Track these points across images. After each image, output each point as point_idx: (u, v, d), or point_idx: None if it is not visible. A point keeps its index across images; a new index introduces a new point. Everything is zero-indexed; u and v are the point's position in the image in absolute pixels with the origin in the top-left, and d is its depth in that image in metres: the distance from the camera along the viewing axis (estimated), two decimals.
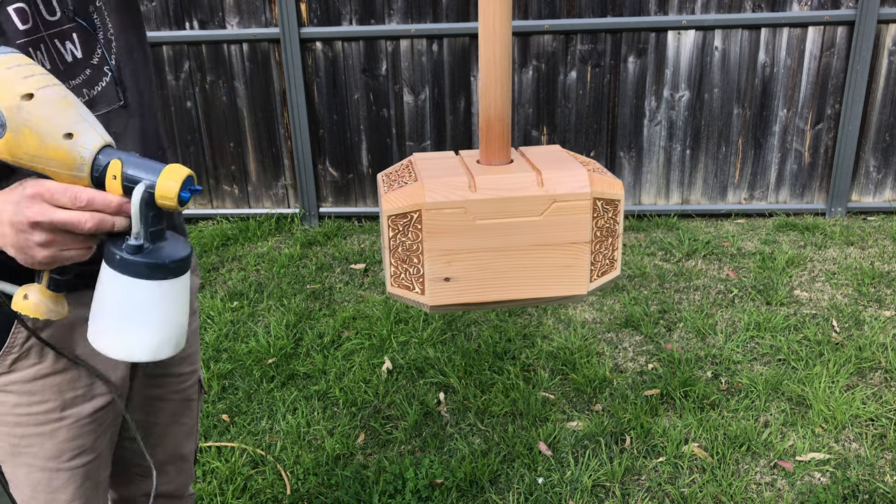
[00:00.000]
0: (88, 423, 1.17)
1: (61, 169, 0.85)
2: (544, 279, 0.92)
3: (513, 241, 0.90)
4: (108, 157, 0.87)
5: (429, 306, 0.92)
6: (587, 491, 2.29)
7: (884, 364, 2.84)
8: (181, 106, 4.41)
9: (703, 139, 4.29)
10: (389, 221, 0.89)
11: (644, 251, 3.90)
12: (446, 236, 0.89)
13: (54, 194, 0.85)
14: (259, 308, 3.44)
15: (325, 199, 4.55)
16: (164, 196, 0.86)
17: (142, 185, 0.86)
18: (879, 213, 4.33)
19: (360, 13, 4.18)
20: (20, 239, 0.87)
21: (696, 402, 2.66)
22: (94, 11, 1.07)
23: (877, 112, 4.16)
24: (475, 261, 0.90)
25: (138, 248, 0.87)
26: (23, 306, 0.94)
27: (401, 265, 0.91)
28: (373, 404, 2.73)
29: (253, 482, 2.37)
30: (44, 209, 0.85)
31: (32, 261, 0.89)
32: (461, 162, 0.97)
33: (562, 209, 0.89)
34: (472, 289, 0.92)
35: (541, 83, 4.24)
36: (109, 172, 0.86)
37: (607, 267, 0.94)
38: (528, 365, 2.93)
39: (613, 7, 4.08)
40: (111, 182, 0.87)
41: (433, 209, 0.87)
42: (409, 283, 0.92)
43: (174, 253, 0.90)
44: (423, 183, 0.89)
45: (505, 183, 0.89)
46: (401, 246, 0.90)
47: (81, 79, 1.05)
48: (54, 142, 0.84)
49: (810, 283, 3.51)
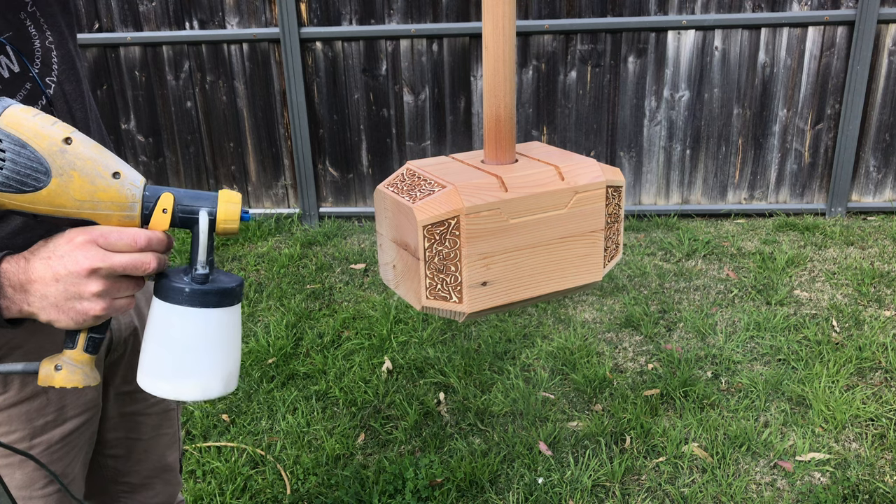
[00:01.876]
0: (60, 447, 1.13)
1: (113, 210, 0.81)
2: (567, 270, 0.94)
3: (542, 236, 0.91)
4: (153, 192, 0.84)
5: (465, 314, 0.90)
6: (587, 491, 2.29)
7: (884, 364, 2.84)
8: (181, 106, 4.41)
9: (703, 139, 4.29)
10: (425, 231, 0.86)
11: (644, 251, 3.90)
12: (483, 239, 0.88)
13: (109, 239, 0.80)
14: (259, 308, 3.44)
15: (325, 199, 4.55)
16: (227, 219, 0.84)
17: (204, 212, 0.84)
18: (879, 213, 4.33)
19: (360, 13, 4.18)
20: (73, 292, 0.80)
21: (696, 402, 2.66)
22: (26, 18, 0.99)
23: (877, 112, 4.16)
24: (509, 261, 0.90)
25: (206, 278, 0.84)
26: (59, 379, 0.86)
27: (437, 275, 0.88)
28: (373, 404, 2.73)
29: (253, 482, 2.37)
30: (102, 255, 0.80)
31: (84, 317, 0.82)
32: (466, 164, 0.97)
33: (583, 199, 0.91)
34: (506, 290, 0.92)
35: (541, 83, 4.24)
36: (159, 206, 0.83)
37: (614, 251, 0.97)
38: (528, 365, 2.93)
39: (613, 7, 4.08)
40: (159, 216, 0.84)
41: (472, 213, 0.86)
42: (445, 294, 0.89)
43: (233, 278, 0.87)
44: (458, 188, 0.86)
45: (531, 179, 0.90)
46: (437, 255, 0.87)
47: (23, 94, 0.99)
48: (104, 182, 0.80)
49: (810, 283, 3.51)
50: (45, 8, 1.03)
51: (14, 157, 0.77)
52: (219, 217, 0.84)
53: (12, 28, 0.98)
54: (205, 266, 0.84)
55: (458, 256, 0.87)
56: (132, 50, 4.31)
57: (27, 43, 1.00)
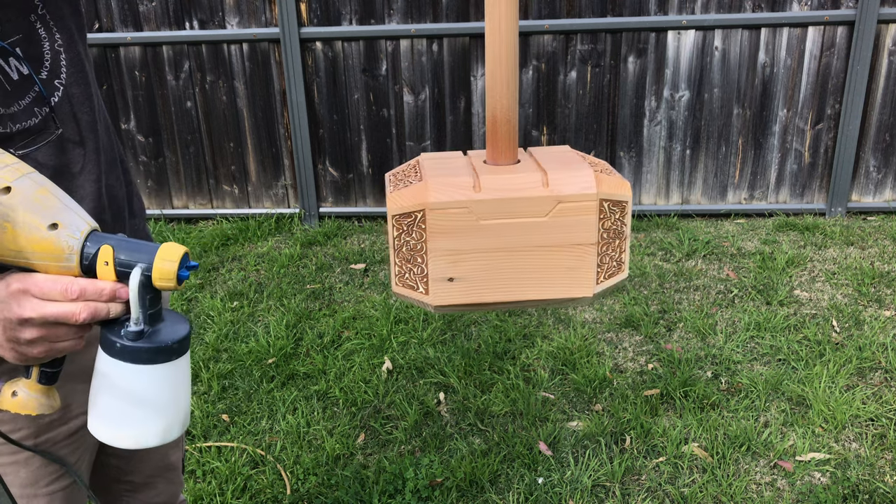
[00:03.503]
0: (65, 445, 1.14)
1: (48, 261, 0.81)
2: (549, 281, 0.91)
3: (517, 241, 0.89)
4: (96, 242, 0.83)
5: (433, 306, 0.92)
6: (587, 491, 2.29)
7: (884, 364, 2.84)
8: (181, 106, 4.41)
9: (703, 139, 4.29)
10: (394, 221, 0.88)
11: (644, 251, 3.90)
12: (450, 236, 0.88)
13: (42, 288, 0.81)
14: (259, 308, 3.44)
15: (325, 199, 4.55)
16: (162, 278, 0.83)
17: (137, 269, 0.82)
18: (879, 213, 4.33)
19: (360, 13, 4.18)
20: (10, 336, 0.82)
21: (696, 402, 2.66)
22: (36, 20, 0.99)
23: (877, 112, 4.16)
24: (479, 261, 0.90)
25: (139, 334, 0.83)
26: (11, 404, 0.87)
27: (405, 265, 0.91)
28: (373, 404, 2.73)
29: (253, 482, 2.37)
30: (33, 304, 0.81)
31: (24, 358, 0.84)
32: (468, 162, 0.97)
33: (567, 210, 0.88)
34: (476, 289, 0.91)
35: (541, 83, 4.24)
36: (101, 259, 0.82)
37: (615, 269, 0.93)
38: (528, 365, 2.93)
39: (613, 7, 4.08)
40: (103, 268, 0.82)
41: (437, 209, 0.87)
42: (413, 283, 0.91)
43: (175, 333, 0.86)
44: (427, 182, 0.88)
45: (509, 183, 0.88)
46: (405, 245, 0.89)
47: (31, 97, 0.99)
48: (38, 233, 0.79)
49: (810, 283, 3.51)
50: (55, 10, 1.03)
51: None
52: (154, 275, 0.82)
53: (22, 31, 0.98)
54: (138, 323, 0.83)
55: (424, 249, 0.89)
56: (132, 50, 4.31)
57: (36, 46, 1.00)
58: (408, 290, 0.92)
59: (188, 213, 4.63)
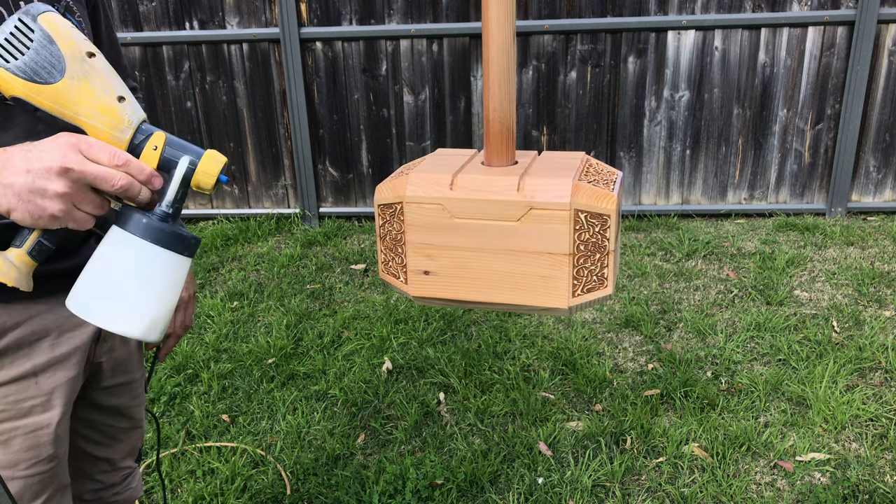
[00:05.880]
0: (47, 432, 1.15)
1: (106, 126, 0.86)
2: (522, 286, 0.91)
3: (490, 243, 0.90)
4: (149, 129, 0.89)
5: (412, 296, 0.95)
6: (587, 491, 2.29)
7: (884, 364, 2.84)
8: (181, 106, 4.41)
9: (703, 139, 4.29)
10: (379, 210, 0.93)
11: (644, 251, 3.90)
12: (426, 231, 0.91)
13: (93, 147, 0.84)
14: (259, 308, 3.44)
15: (325, 199, 4.55)
16: (206, 173, 0.88)
17: (186, 158, 0.88)
18: (879, 213, 4.33)
19: (360, 13, 4.18)
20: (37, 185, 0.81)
21: (696, 402, 2.66)
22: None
23: (877, 112, 4.16)
24: (453, 258, 0.92)
25: (166, 217, 0.87)
26: None
27: (389, 253, 0.95)
28: (373, 404, 2.73)
29: (253, 482, 2.37)
30: (79, 158, 0.83)
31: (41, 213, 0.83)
32: (467, 161, 0.98)
33: (539, 217, 0.88)
34: (450, 285, 0.93)
35: (541, 83, 4.24)
36: (151, 143, 0.87)
37: (595, 284, 0.90)
38: (528, 365, 2.93)
39: (613, 7, 4.08)
40: (150, 152, 0.87)
41: (413, 202, 0.90)
42: (395, 272, 0.95)
43: (190, 234, 0.91)
44: (409, 176, 0.91)
45: (485, 184, 0.89)
46: (388, 235, 0.94)
47: None
48: (107, 99, 0.86)
49: (810, 283, 3.51)
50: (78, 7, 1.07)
51: (39, 48, 0.83)
52: (199, 168, 0.88)
53: None
54: (170, 207, 0.88)
55: (403, 240, 0.93)
56: (132, 50, 4.31)
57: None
58: (391, 278, 0.96)
59: (188, 213, 4.63)
